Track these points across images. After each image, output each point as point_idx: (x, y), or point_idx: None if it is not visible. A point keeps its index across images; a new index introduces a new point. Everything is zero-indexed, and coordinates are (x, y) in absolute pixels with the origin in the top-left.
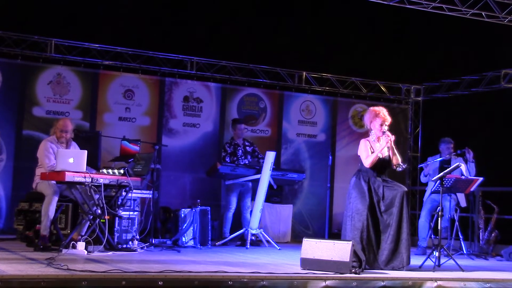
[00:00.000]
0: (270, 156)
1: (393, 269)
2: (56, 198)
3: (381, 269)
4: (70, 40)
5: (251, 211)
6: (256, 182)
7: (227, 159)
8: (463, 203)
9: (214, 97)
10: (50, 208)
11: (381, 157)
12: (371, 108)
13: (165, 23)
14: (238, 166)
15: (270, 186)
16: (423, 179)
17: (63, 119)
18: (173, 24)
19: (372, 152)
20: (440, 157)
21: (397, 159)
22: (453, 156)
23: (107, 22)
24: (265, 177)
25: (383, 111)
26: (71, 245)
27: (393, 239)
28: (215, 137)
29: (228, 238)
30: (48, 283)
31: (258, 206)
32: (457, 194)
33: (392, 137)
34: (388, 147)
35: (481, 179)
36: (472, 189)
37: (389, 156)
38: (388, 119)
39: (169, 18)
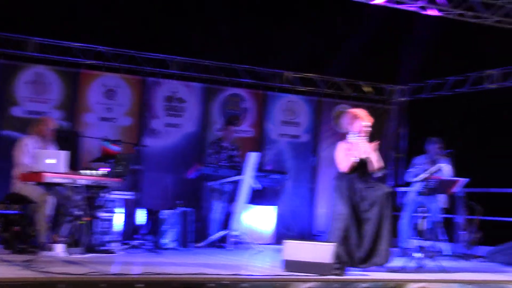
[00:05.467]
0: (253, 157)
1: (375, 265)
2: (48, 204)
3: (362, 268)
4: (50, 39)
5: (224, 213)
6: (239, 184)
7: (215, 157)
8: (444, 204)
9: (196, 97)
10: (45, 215)
11: (357, 160)
12: (350, 110)
13: (147, 22)
14: (220, 167)
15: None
16: (409, 179)
17: (45, 117)
18: (155, 23)
19: (349, 156)
20: (425, 158)
21: (377, 164)
22: (440, 156)
23: (88, 21)
24: (248, 178)
25: (362, 112)
26: (49, 247)
27: (373, 237)
28: (197, 137)
29: (209, 240)
30: (25, 286)
31: (240, 207)
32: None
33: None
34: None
35: (464, 180)
36: (454, 190)
37: (369, 158)
38: (369, 119)
39: (151, 17)
